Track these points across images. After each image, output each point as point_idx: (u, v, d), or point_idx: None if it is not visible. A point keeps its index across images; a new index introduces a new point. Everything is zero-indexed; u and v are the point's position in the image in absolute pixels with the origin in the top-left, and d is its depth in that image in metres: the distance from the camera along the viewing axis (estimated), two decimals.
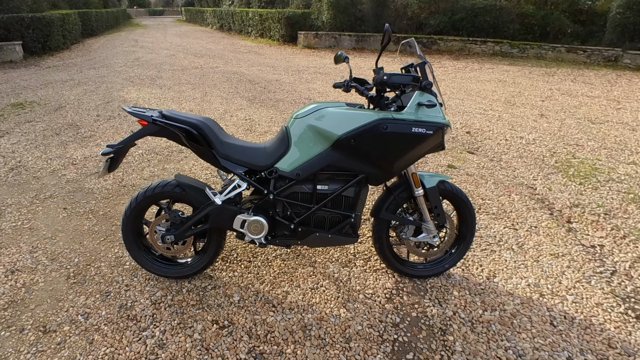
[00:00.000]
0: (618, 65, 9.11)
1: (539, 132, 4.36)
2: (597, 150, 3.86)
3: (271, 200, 1.67)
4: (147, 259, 1.83)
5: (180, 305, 1.74)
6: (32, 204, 2.59)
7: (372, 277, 1.98)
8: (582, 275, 2.07)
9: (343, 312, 1.74)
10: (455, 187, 1.84)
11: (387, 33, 1.50)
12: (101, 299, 1.77)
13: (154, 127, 1.60)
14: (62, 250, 2.11)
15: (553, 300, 1.89)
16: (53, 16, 9.20)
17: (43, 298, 1.77)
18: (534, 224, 2.56)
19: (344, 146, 1.58)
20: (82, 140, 3.76)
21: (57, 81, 6.41)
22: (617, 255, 2.25)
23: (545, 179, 3.21)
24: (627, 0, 8.99)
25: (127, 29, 18.75)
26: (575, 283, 2.01)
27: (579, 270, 2.11)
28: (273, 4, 15.55)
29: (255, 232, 1.70)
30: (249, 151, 1.66)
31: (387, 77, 1.54)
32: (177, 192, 1.71)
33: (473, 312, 1.79)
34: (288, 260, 2.07)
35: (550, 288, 1.96)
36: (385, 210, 1.79)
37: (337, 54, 1.80)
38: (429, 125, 1.56)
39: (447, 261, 1.96)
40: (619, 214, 2.72)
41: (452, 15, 11.02)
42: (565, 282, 2.02)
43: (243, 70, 7.76)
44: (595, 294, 1.93)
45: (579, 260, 2.19)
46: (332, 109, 1.59)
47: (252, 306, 1.75)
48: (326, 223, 1.74)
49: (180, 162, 3.31)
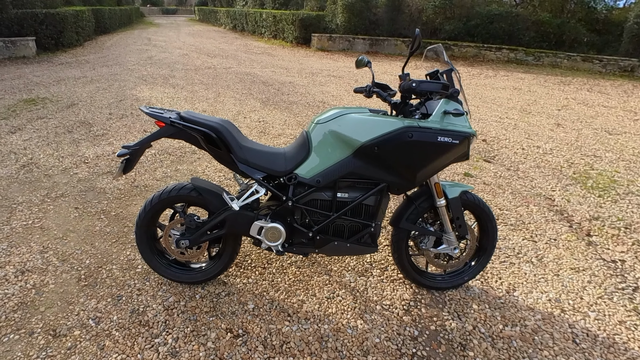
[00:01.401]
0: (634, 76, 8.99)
1: (556, 142, 4.29)
2: (615, 162, 3.79)
3: (290, 207, 1.63)
4: (160, 263, 1.79)
5: (194, 311, 1.70)
6: (43, 202, 2.56)
7: (389, 287, 1.92)
8: (604, 291, 2.01)
9: (360, 323, 1.69)
10: (478, 198, 1.79)
11: (417, 38, 1.45)
12: (113, 303, 1.73)
13: (172, 129, 1.56)
14: (73, 251, 2.08)
15: (575, 316, 1.83)
16: (67, 12, 9.26)
17: (53, 300, 1.73)
18: (553, 236, 2.50)
19: (367, 154, 1.53)
20: (94, 139, 3.74)
21: (69, 78, 6.43)
22: (639, 272, 2.19)
23: (564, 190, 3.15)
24: None
25: (140, 27, 18.89)
26: (597, 299, 1.95)
27: (601, 286, 2.05)
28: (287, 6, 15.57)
29: (273, 239, 1.65)
30: (268, 156, 1.62)
31: (415, 85, 1.49)
32: (193, 196, 1.67)
33: (493, 327, 1.73)
34: (303, 268, 2.02)
35: (571, 304, 1.91)
36: (406, 220, 1.74)
37: (359, 58, 1.76)
38: (455, 134, 1.51)
39: (467, 273, 1.90)
40: (639, 228, 2.64)
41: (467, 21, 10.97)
42: (587, 298, 1.96)
43: (256, 72, 7.74)
44: (618, 311, 1.87)
45: (600, 276, 2.13)
46: (355, 114, 1.55)
47: (267, 315, 1.70)
48: (345, 232, 1.70)
49: (193, 164, 3.28)
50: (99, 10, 13.02)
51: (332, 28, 11.79)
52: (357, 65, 1.78)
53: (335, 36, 11.45)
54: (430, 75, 1.69)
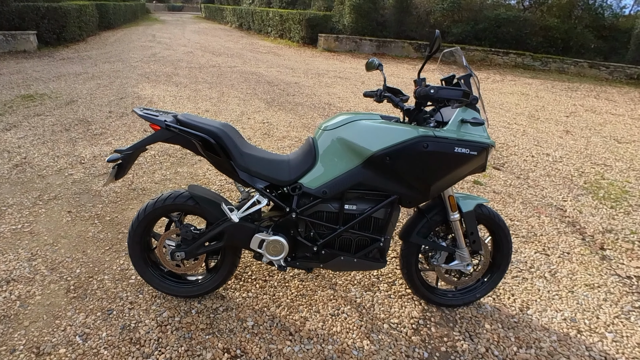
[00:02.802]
0: None
1: (566, 150, 4.20)
2: (625, 172, 3.70)
3: (293, 219, 1.52)
4: (154, 275, 1.68)
5: (189, 328, 1.59)
6: (34, 205, 2.44)
7: (397, 303, 1.82)
8: (621, 310, 1.92)
9: (366, 344, 1.59)
10: (493, 212, 1.69)
11: (437, 40, 1.34)
12: (102, 317, 1.62)
13: (167, 134, 1.45)
14: (63, 259, 1.97)
15: (592, 338, 1.74)
16: (70, 7, 9.14)
17: (39, 314, 1.62)
18: (566, 249, 2.40)
19: (378, 164, 1.43)
20: (92, 138, 3.62)
21: (70, 74, 6.31)
22: None
23: (575, 200, 3.05)
24: None
25: (145, 23, 18.77)
26: (613, 319, 1.86)
27: (617, 304, 1.96)
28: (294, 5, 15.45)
29: (275, 253, 1.55)
30: (271, 164, 1.52)
31: (434, 91, 1.37)
32: (190, 205, 1.56)
33: (507, 348, 1.63)
34: (306, 281, 1.91)
35: (587, 324, 1.81)
36: (417, 234, 1.63)
37: (369, 61, 1.66)
38: (473, 145, 1.40)
39: (479, 290, 1.81)
40: None
41: (475, 25, 10.87)
42: (603, 317, 1.86)
43: (262, 71, 7.63)
44: (636, 332, 1.78)
45: (615, 293, 2.04)
46: (365, 121, 1.44)
47: (267, 333, 1.60)
48: (352, 246, 1.59)
49: (194, 166, 3.16)
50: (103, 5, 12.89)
51: (339, 29, 11.67)
52: (368, 68, 1.68)
53: (342, 37, 11.33)
54: (446, 80, 1.58)
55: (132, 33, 13.45)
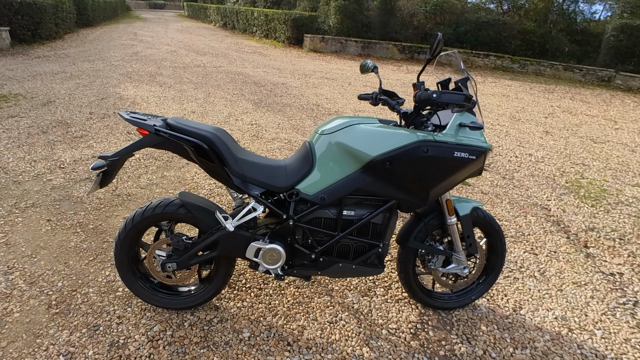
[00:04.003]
0: (610, 86, 9.36)
1: (547, 150, 4.34)
2: (602, 171, 3.85)
3: (290, 226, 1.48)
4: (144, 287, 1.60)
5: (182, 342, 1.52)
6: (10, 213, 2.29)
7: (394, 308, 1.82)
8: (607, 307, 1.99)
9: (366, 351, 1.57)
10: (489, 215, 1.71)
11: (440, 43, 1.33)
12: (88, 334, 1.53)
13: (156, 139, 1.38)
14: (44, 271, 1.85)
15: (582, 335, 1.79)
16: (45, 2, 8.70)
17: (18, 333, 1.51)
18: (553, 248, 2.47)
19: (378, 169, 1.41)
20: (72, 141, 3.45)
21: (47, 73, 6.01)
22: (637, 285, 2.18)
23: (558, 199, 3.15)
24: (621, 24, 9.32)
25: (126, 21, 18.17)
26: (601, 315, 1.93)
27: (603, 301, 2.03)
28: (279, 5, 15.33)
29: (271, 261, 1.50)
30: (267, 170, 1.47)
31: (436, 95, 1.37)
32: (181, 213, 1.50)
33: (504, 350, 1.66)
34: (302, 288, 1.88)
35: (577, 321, 1.87)
36: (414, 238, 1.63)
37: (364, 63, 1.64)
38: (472, 149, 1.41)
39: (474, 292, 1.83)
40: (632, 239, 2.66)
41: (457, 27, 11.13)
42: (591, 314, 1.93)
43: (248, 72, 7.52)
44: (622, 328, 1.85)
45: (601, 290, 2.11)
46: (364, 126, 1.42)
47: (265, 344, 1.55)
48: (350, 252, 1.57)
49: (181, 170, 3.06)
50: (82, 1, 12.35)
51: (325, 29, 11.67)
52: (362, 71, 1.66)
53: (328, 38, 11.33)
54: (442, 83, 1.59)
55: (112, 31, 12.98)
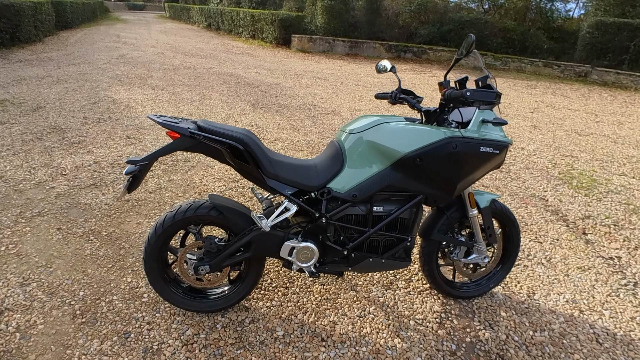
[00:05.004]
0: (587, 81, 9.81)
1: (537, 144, 4.52)
2: (590, 162, 4.06)
3: (323, 224, 1.51)
4: (175, 292, 1.59)
5: (217, 345, 1.52)
6: (16, 223, 2.21)
7: (418, 299, 1.87)
8: (611, 289, 2.11)
9: (398, 342, 1.61)
10: (505, 207, 1.79)
11: (473, 43, 1.39)
12: (120, 342, 1.50)
13: (189, 141, 1.37)
14: (62, 281, 1.80)
15: (592, 316, 1.89)
16: (23, 4, 8.34)
17: (46, 345, 1.47)
18: (555, 236, 2.59)
19: (408, 165, 1.46)
20: (69, 147, 3.34)
21: (32, 77, 5.79)
22: (634, 267, 2.32)
23: (554, 190, 3.30)
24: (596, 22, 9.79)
25: (106, 22, 17.63)
26: (606, 297, 2.04)
27: (606, 283, 2.14)
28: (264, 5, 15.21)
29: (305, 259, 1.52)
30: (299, 170, 1.49)
31: (470, 94, 1.43)
32: (213, 215, 1.49)
33: (524, 333, 1.74)
34: (327, 285, 1.90)
35: (586, 303, 1.98)
36: (437, 231, 1.69)
37: (379, 64, 1.69)
38: (495, 144, 1.48)
39: (492, 280, 1.90)
40: (625, 224, 2.82)
41: (441, 27, 11.39)
42: (598, 296, 2.04)
43: (239, 73, 7.45)
44: (627, 308, 1.97)
45: (604, 273, 2.23)
46: (394, 124, 1.47)
47: (300, 341, 1.57)
48: (380, 247, 1.61)
49: (187, 173, 3.02)
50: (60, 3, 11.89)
51: (312, 29, 11.68)
52: (379, 71, 1.71)
53: (316, 38, 11.34)
54: (459, 82, 1.65)
55: (93, 33, 12.55)
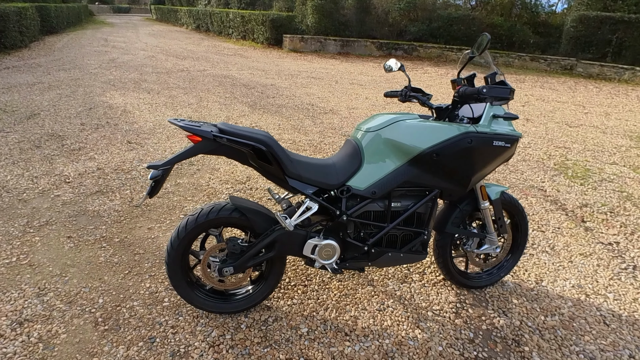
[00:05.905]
0: (573, 73, 10.09)
1: (531, 136, 4.65)
2: (582, 153, 4.20)
3: (344, 221, 1.54)
4: (199, 295, 1.60)
5: (244, 344, 1.53)
6: (25, 233, 2.17)
7: (433, 291, 1.92)
8: (612, 273, 2.19)
9: (419, 333, 1.66)
10: (513, 198, 1.85)
11: (488, 42, 1.44)
12: (146, 347, 1.50)
13: (212, 145, 1.38)
14: (79, 289, 1.78)
15: (598, 299, 1.97)
16: (7, 9, 8.13)
17: (71, 354, 1.45)
18: (556, 225, 2.68)
19: (425, 161, 1.50)
20: (70, 154, 3.29)
21: (21, 84, 5.66)
22: (632, 251, 2.42)
23: (551, 180, 3.41)
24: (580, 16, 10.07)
25: (92, 26, 17.30)
26: (609, 281, 2.12)
27: (608, 268, 2.23)
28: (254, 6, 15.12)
29: (327, 257, 1.56)
30: (320, 169, 1.52)
31: (486, 90, 1.48)
32: (235, 217, 1.51)
33: (536, 319, 1.80)
34: (345, 281, 1.94)
35: (591, 287, 2.05)
36: (451, 224, 1.74)
37: (386, 64, 1.72)
38: (507, 138, 1.54)
39: (503, 269, 1.97)
40: (620, 211, 2.94)
41: (430, 24, 11.54)
42: (601, 280, 2.12)
43: (234, 74, 7.42)
44: (629, 290, 2.05)
45: (604, 258, 2.32)
46: (410, 121, 1.51)
47: (324, 337, 1.60)
48: (398, 241, 1.65)
49: (193, 176, 3.00)
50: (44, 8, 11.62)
51: (303, 29, 11.68)
52: (387, 71, 1.74)
53: (307, 37, 11.35)
54: (468, 79, 1.71)
55: (80, 37, 12.29)
